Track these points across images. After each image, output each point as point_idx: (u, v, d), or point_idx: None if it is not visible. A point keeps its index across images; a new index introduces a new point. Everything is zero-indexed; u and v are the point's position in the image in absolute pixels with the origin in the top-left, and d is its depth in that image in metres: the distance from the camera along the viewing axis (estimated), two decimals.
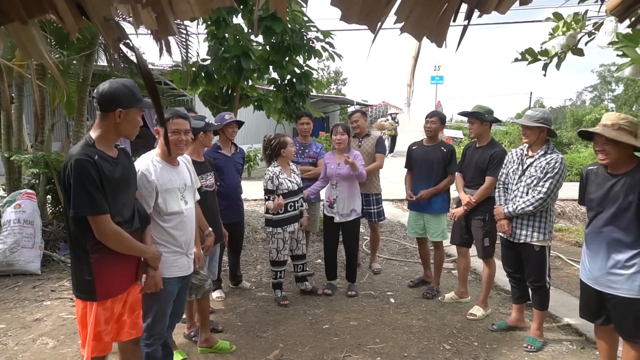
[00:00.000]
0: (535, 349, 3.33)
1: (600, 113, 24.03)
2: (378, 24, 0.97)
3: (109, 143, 2.13)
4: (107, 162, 2.06)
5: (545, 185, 3.19)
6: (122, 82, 2.12)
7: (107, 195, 2.03)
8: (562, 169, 3.20)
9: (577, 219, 8.16)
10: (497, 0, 1.05)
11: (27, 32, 0.88)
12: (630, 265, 2.51)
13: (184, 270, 2.64)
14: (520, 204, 3.29)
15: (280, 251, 4.12)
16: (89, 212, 1.98)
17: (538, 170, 3.25)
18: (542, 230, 3.30)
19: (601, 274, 2.62)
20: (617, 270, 2.55)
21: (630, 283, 2.50)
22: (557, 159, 3.21)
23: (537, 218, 3.30)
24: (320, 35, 5.56)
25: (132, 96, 2.10)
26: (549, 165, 3.21)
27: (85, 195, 1.96)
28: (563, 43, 2.77)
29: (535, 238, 3.30)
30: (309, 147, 4.95)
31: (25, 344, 3.40)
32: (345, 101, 26.17)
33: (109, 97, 2.06)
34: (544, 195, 3.19)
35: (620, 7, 0.99)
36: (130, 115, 2.11)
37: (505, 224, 3.41)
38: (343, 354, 3.30)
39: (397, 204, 9.13)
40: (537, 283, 3.35)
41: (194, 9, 0.97)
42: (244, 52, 5.12)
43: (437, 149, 4.34)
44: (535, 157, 3.30)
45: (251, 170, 13.32)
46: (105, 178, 2.02)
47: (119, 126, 2.10)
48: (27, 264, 4.84)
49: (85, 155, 1.99)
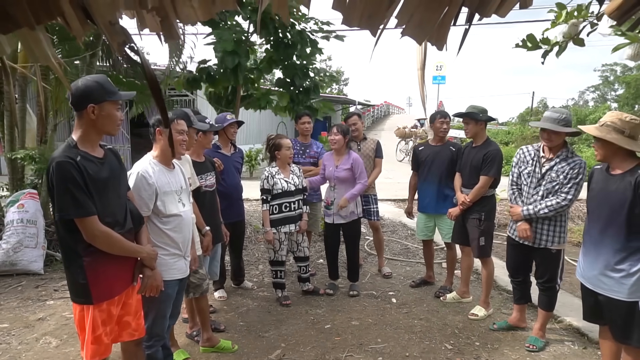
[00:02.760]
0: (537, 348, 3.33)
1: (604, 112, 23.97)
2: (379, 27, 0.98)
3: (92, 143, 2.08)
4: (92, 162, 2.03)
5: (571, 192, 3.13)
6: (92, 78, 2.09)
7: (93, 197, 1.99)
8: (584, 174, 3.15)
9: (579, 219, 8.14)
10: (497, 3, 1.06)
11: (34, 36, 0.89)
12: (620, 269, 2.49)
13: (182, 272, 2.66)
14: (542, 207, 3.20)
15: (277, 252, 4.12)
16: (73, 214, 1.95)
17: (561, 176, 3.16)
18: (562, 234, 3.28)
19: (592, 274, 2.62)
20: (608, 272, 2.53)
21: (619, 286, 2.49)
22: (580, 164, 3.14)
23: (558, 223, 3.25)
24: (319, 25, 5.53)
25: (103, 90, 2.04)
26: (573, 171, 3.13)
27: (68, 198, 1.93)
28: (565, 31, 2.76)
29: (556, 243, 3.27)
30: (310, 147, 4.94)
31: (28, 343, 3.43)
32: (347, 101, 26.18)
33: (80, 95, 2.02)
34: (569, 201, 3.14)
35: (617, 12, 1.01)
36: (104, 110, 2.04)
37: (527, 229, 3.29)
38: (345, 353, 3.32)
39: (399, 204, 9.14)
40: (549, 284, 3.33)
41: (197, 13, 0.99)
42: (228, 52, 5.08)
43: (447, 148, 4.34)
44: (555, 160, 3.21)
45: (253, 170, 13.35)
46: (90, 179, 1.98)
47: (95, 123, 2.04)
48: (30, 264, 4.87)
49: (66, 157, 1.95)
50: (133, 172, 2.51)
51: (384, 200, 7.98)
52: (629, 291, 2.46)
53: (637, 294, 2.46)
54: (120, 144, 14.82)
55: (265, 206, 4.06)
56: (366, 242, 6.28)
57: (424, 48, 1.55)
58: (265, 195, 4.06)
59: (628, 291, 2.46)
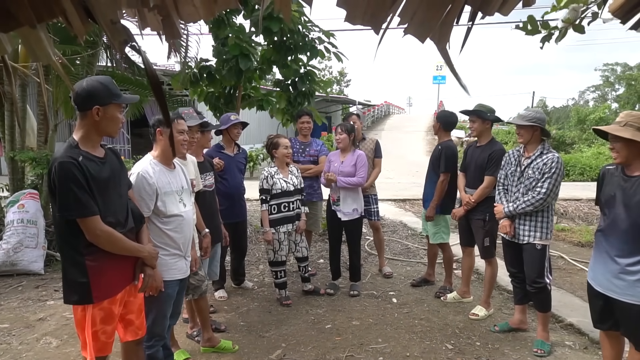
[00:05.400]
0: (545, 353, 3.28)
1: (604, 112, 23.97)
2: (382, 25, 0.97)
3: (93, 143, 2.09)
4: (93, 162, 2.03)
5: (545, 186, 3.20)
6: (97, 79, 2.09)
7: (95, 196, 2.00)
8: (559, 168, 3.21)
9: (580, 219, 8.15)
10: (500, 1, 1.06)
11: (35, 35, 0.89)
12: (634, 272, 2.41)
13: (183, 272, 2.66)
14: (520, 203, 3.30)
15: (276, 252, 4.12)
16: (76, 214, 1.96)
17: (536, 172, 3.26)
18: (544, 229, 3.30)
19: (605, 277, 2.55)
20: (621, 275, 2.46)
21: (633, 289, 2.41)
22: (553, 158, 3.22)
23: (539, 218, 3.31)
24: (322, 35, 5.56)
25: (109, 92, 2.06)
26: (545, 166, 3.22)
27: (71, 198, 1.93)
28: (565, 16, 2.73)
29: (538, 238, 3.30)
30: (310, 145, 4.91)
31: (29, 343, 3.42)
32: (348, 101, 26.19)
33: (85, 95, 2.02)
34: (543, 195, 3.20)
35: (620, 10, 1.00)
36: (108, 112, 2.06)
37: (507, 225, 3.41)
38: (345, 353, 3.31)
39: (399, 204, 9.15)
40: (537, 284, 3.31)
41: (199, 11, 0.98)
42: (243, 53, 5.11)
43: (437, 149, 4.33)
44: (532, 157, 3.31)
45: (253, 170, 13.35)
46: (92, 179, 1.99)
47: (99, 124, 2.05)
48: (30, 264, 4.87)
49: (68, 157, 1.96)
50: (133, 172, 2.51)
51: (384, 200, 7.97)
52: None
53: None
54: (121, 144, 14.81)
55: (265, 206, 4.06)
56: (367, 242, 6.28)
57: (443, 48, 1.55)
58: (265, 196, 4.06)
59: None
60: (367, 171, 4.37)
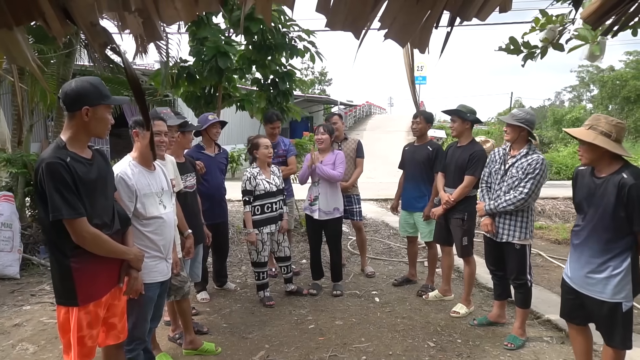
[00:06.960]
0: (515, 347, 3.39)
1: (580, 112, 24.59)
2: (363, 30, 0.99)
3: (81, 144, 2.07)
4: (81, 163, 2.02)
5: (527, 186, 3.25)
6: (87, 79, 2.08)
7: (82, 198, 1.98)
8: (542, 169, 3.27)
9: (557, 217, 8.34)
10: (478, 7, 1.09)
11: (12, 37, 0.87)
12: (603, 270, 2.51)
13: (164, 275, 2.64)
14: (502, 202, 3.35)
15: (259, 252, 4.11)
16: (64, 215, 1.93)
17: (520, 171, 3.31)
18: (524, 229, 3.37)
19: (578, 275, 2.64)
20: (592, 273, 2.55)
21: (603, 287, 2.51)
22: (537, 159, 3.27)
23: (519, 218, 3.37)
24: (302, 34, 5.56)
25: (98, 93, 2.04)
26: (530, 166, 3.27)
27: (59, 199, 1.91)
28: (543, 36, 2.82)
29: (517, 237, 3.36)
30: (277, 145, 4.76)
31: (4, 350, 3.33)
32: (329, 101, 26.24)
33: (74, 96, 2.00)
34: (525, 195, 3.26)
35: (593, 16, 1.04)
36: (98, 113, 2.05)
37: (489, 224, 3.46)
38: (329, 353, 3.33)
39: (381, 203, 9.21)
40: (519, 281, 3.42)
41: (180, 14, 0.98)
42: (222, 52, 5.08)
43: (424, 147, 4.40)
44: (517, 157, 3.36)
45: (235, 171, 13.27)
46: (80, 180, 1.97)
47: (88, 125, 2.04)
48: (5, 268, 4.74)
49: (56, 158, 1.94)
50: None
51: (366, 199, 8.01)
52: (612, 292, 2.48)
53: (620, 295, 2.47)
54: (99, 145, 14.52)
55: (248, 207, 4.04)
56: (349, 242, 6.31)
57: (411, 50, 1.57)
58: (248, 197, 4.04)
59: (611, 292, 2.48)
60: (344, 168, 4.39)
